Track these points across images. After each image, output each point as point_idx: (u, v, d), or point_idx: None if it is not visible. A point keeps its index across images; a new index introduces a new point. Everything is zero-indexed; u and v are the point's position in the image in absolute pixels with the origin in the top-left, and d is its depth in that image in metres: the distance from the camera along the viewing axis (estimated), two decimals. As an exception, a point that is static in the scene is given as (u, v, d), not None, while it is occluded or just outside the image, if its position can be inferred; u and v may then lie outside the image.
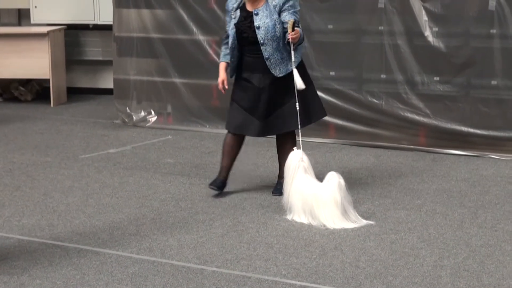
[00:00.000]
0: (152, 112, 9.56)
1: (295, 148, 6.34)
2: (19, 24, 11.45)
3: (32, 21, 11.04)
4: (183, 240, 5.79)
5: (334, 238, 5.81)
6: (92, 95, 11.24)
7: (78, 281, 5.11)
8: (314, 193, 6.09)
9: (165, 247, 5.66)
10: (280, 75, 6.53)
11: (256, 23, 6.46)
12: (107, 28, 10.38)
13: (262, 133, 6.70)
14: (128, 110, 9.61)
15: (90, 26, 11.06)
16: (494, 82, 8.13)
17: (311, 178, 6.21)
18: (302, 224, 6.08)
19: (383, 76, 8.51)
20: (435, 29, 8.24)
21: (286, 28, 6.42)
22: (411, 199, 6.73)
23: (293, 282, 5.09)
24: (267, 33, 6.45)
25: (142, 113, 9.58)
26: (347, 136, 8.63)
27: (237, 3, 6.58)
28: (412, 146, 8.33)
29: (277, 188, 6.77)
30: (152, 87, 9.54)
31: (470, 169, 7.62)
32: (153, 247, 5.67)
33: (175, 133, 9.00)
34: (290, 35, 6.36)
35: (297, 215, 6.16)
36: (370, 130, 8.56)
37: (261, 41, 6.46)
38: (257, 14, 6.48)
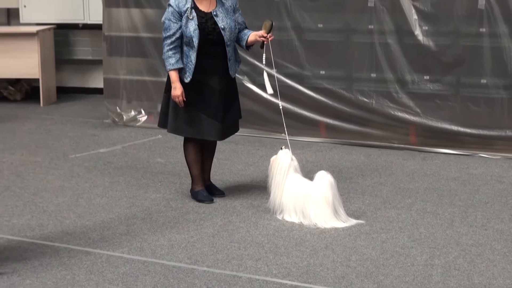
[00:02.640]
0: (142, 111, 9.55)
1: (283, 146, 6.32)
2: (8, 23, 11.41)
3: (21, 21, 11.00)
4: (174, 240, 5.78)
5: (325, 237, 5.81)
6: (82, 95, 11.22)
7: (69, 281, 5.10)
8: (305, 192, 6.08)
9: (156, 247, 5.65)
10: (233, 76, 6.55)
11: (220, 25, 6.35)
12: (96, 27, 10.36)
13: (224, 135, 6.61)
14: (118, 110, 9.59)
15: (80, 26, 11.04)
16: (483, 81, 8.14)
17: (302, 177, 6.21)
18: (292, 224, 6.08)
19: (373, 75, 8.51)
20: (425, 27, 8.25)
21: (238, 29, 6.47)
22: (401, 198, 6.73)
23: (284, 281, 5.08)
24: (231, 34, 6.41)
25: (132, 113, 9.56)
26: (338, 135, 8.63)
27: (190, 3, 6.35)
28: (402, 145, 8.34)
29: (219, 189, 6.80)
30: (142, 87, 9.52)
31: (460, 168, 7.64)
32: (144, 247, 5.66)
33: (165, 132, 8.90)
34: (268, 36, 6.37)
35: (288, 214, 6.16)
36: (360, 129, 8.56)
37: (227, 43, 6.40)
38: (216, 16, 6.38)
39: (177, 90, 6.36)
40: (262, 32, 6.39)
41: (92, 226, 6.09)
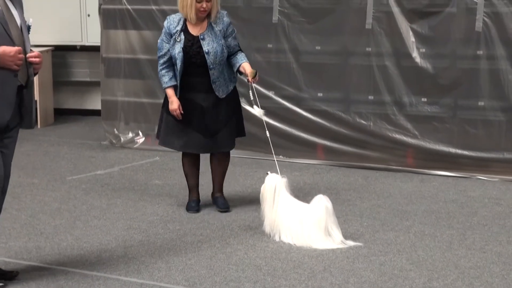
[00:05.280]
0: (140, 133, 9.55)
1: (268, 172, 6.35)
2: (6, 45, 11.41)
3: (19, 42, 11.00)
4: (171, 262, 5.76)
5: (323, 259, 5.80)
6: (79, 116, 11.22)
7: (66, 304, 5.08)
8: (299, 214, 6.07)
9: (153, 269, 5.63)
10: (223, 96, 6.65)
11: (205, 48, 6.48)
12: (94, 49, 10.38)
13: (206, 149, 6.77)
14: (116, 132, 9.59)
15: (78, 47, 11.06)
16: (481, 103, 8.16)
17: (293, 197, 6.21)
18: (290, 246, 6.06)
19: (371, 97, 8.53)
20: (423, 50, 8.27)
21: (230, 53, 6.60)
22: (399, 220, 6.72)
23: (282, 304, 5.07)
24: (216, 58, 6.52)
25: (130, 135, 9.57)
26: (335, 157, 8.63)
27: (180, 26, 6.55)
28: (400, 167, 8.34)
29: (223, 203, 6.90)
30: (140, 108, 9.53)
31: (458, 190, 7.63)
32: (141, 269, 5.64)
33: (163, 154, 8.97)
34: (253, 80, 6.52)
35: (285, 235, 6.14)
36: (358, 151, 8.56)
37: (210, 66, 6.52)
38: (203, 39, 6.50)
39: (174, 104, 6.59)
40: (247, 74, 6.54)
41: (89, 248, 6.07)
